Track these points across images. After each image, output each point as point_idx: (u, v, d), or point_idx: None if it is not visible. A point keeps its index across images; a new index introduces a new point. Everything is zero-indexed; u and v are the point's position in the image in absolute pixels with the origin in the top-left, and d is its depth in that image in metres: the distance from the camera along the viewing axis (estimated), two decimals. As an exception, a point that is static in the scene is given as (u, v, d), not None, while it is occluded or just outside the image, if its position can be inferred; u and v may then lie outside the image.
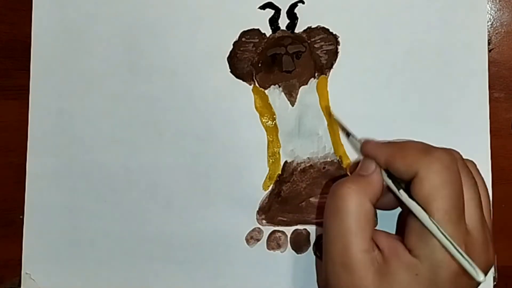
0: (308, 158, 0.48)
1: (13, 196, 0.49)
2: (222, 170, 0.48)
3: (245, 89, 0.48)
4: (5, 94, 0.49)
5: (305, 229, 0.48)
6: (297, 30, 0.48)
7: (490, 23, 0.49)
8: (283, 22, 0.48)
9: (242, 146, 0.48)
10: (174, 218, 0.48)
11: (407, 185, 0.37)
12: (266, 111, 0.48)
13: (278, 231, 0.48)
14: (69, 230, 0.48)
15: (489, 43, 0.48)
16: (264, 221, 0.48)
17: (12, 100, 0.49)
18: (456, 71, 0.48)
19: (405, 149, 0.38)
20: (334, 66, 0.48)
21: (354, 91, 0.48)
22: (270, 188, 0.48)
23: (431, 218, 0.35)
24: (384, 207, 0.42)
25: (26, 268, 0.48)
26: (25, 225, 0.48)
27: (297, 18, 0.48)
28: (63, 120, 0.49)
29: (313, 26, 0.48)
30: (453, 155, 0.38)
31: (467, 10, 0.48)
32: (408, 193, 0.37)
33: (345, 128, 0.46)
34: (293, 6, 0.48)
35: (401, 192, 0.37)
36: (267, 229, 0.48)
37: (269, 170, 0.48)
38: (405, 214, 0.38)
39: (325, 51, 0.48)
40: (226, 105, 0.48)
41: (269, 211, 0.48)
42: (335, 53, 0.48)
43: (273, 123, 0.48)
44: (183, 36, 0.49)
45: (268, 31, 0.48)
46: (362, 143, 0.42)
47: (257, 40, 0.48)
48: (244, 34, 0.48)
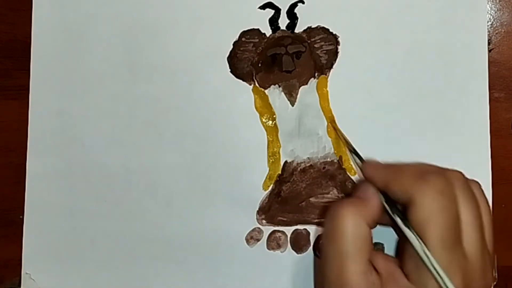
0: (308, 158, 0.48)
1: (13, 196, 0.49)
2: (222, 170, 0.48)
3: (245, 89, 0.48)
4: (5, 94, 0.49)
5: (305, 229, 0.48)
6: (297, 30, 0.48)
7: (490, 23, 0.49)
8: (283, 22, 0.48)
9: (242, 146, 0.48)
10: (174, 218, 0.48)
11: (405, 209, 0.37)
12: (266, 111, 0.48)
13: (278, 231, 0.48)
14: (69, 230, 0.48)
15: (489, 43, 0.48)
16: (264, 221, 0.48)
17: (12, 100, 0.49)
18: (456, 71, 0.48)
19: (402, 173, 0.38)
20: (334, 66, 0.48)
21: (354, 91, 0.48)
22: (270, 188, 0.48)
23: (424, 249, 0.34)
24: (385, 223, 0.42)
25: (26, 268, 0.48)
26: (25, 225, 0.48)
27: (297, 18, 0.48)
28: (63, 120, 0.49)
29: (313, 26, 0.48)
30: (449, 180, 0.37)
31: (467, 10, 0.48)
32: (405, 218, 0.36)
33: (350, 145, 0.46)
34: (293, 6, 0.48)
35: (397, 219, 0.37)
36: (267, 229, 0.48)
37: (269, 170, 0.48)
38: (403, 238, 0.38)
39: (325, 51, 0.48)
40: (226, 105, 0.48)
41: (269, 211, 0.48)
42: (335, 53, 0.48)
43: (273, 123, 0.48)
44: (183, 36, 0.49)
45: (268, 31, 0.48)
46: (362, 165, 0.42)
47: (257, 40, 0.48)
48: (244, 34, 0.48)
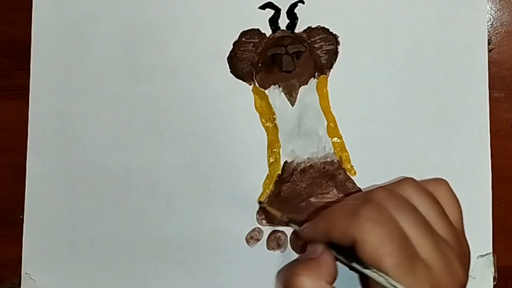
0: (308, 158, 0.48)
1: (13, 196, 0.49)
2: (222, 170, 0.48)
3: (245, 89, 0.48)
4: (5, 94, 0.49)
5: (305, 229, 0.48)
6: (297, 30, 0.48)
7: (490, 23, 0.49)
8: (283, 22, 0.48)
9: (242, 146, 0.48)
10: (174, 218, 0.48)
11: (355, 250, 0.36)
12: (266, 111, 0.48)
13: (278, 231, 0.48)
14: (69, 230, 0.48)
15: (489, 43, 0.48)
16: (264, 221, 0.48)
17: (12, 100, 0.49)
18: (456, 71, 0.48)
19: (334, 219, 0.37)
20: (334, 66, 0.48)
21: (354, 91, 0.48)
22: (270, 188, 0.48)
23: (390, 281, 0.34)
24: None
25: (26, 268, 0.48)
26: (25, 225, 0.48)
27: (297, 18, 0.48)
28: (63, 120, 0.49)
29: (313, 26, 0.48)
30: (380, 202, 0.36)
31: (467, 10, 0.48)
32: (360, 261, 0.36)
33: (285, 217, 0.45)
34: (293, 6, 0.48)
35: (354, 265, 0.36)
36: (267, 229, 0.48)
37: (269, 170, 0.48)
38: (365, 278, 0.38)
39: (325, 51, 0.48)
40: (226, 105, 0.48)
41: (269, 211, 0.48)
42: (335, 53, 0.48)
43: (273, 123, 0.48)
44: (183, 36, 0.49)
45: (268, 31, 0.48)
46: (299, 231, 0.42)
47: (257, 40, 0.48)
48: (244, 34, 0.48)
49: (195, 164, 0.48)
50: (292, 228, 0.46)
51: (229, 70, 0.48)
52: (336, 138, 0.48)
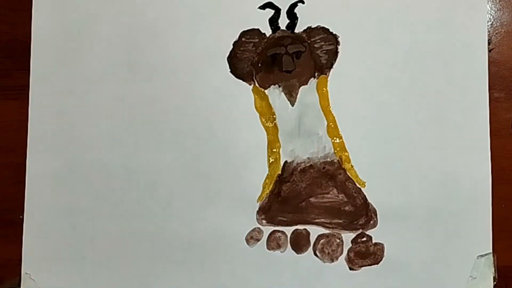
0: (308, 158, 0.48)
1: (13, 196, 0.49)
2: (222, 170, 0.48)
3: (245, 89, 0.48)
4: (5, 94, 0.49)
5: (305, 229, 0.48)
6: (297, 30, 0.48)
7: (490, 23, 0.49)
8: (283, 22, 0.48)
9: (242, 146, 0.48)
10: (174, 218, 0.48)
11: None
12: (266, 111, 0.48)
13: (278, 231, 0.48)
14: (69, 230, 0.49)
15: (489, 43, 0.48)
16: (264, 221, 0.48)
17: (12, 100, 0.49)
18: (456, 71, 0.48)
19: None
20: (334, 66, 0.48)
21: (354, 91, 0.48)
22: (270, 188, 0.48)
23: None
24: None
25: (26, 268, 0.48)
26: (25, 225, 0.49)
27: (297, 18, 0.48)
28: (63, 120, 0.49)
29: (313, 26, 0.48)
30: None
31: (467, 10, 0.48)
32: None
33: None
34: (293, 6, 0.48)
35: None
36: (267, 229, 0.48)
37: (269, 170, 0.48)
38: None
39: (325, 51, 0.48)
40: (226, 105, 0.48)
41: (269, 211, 0.48)
42: (335, 53, 0.48)
43: (273, 123, 0.48)
44: (183, 36, 0.49)
45: (268, 31, 0.48)
46: None
47: (257, 40, 0.48)
48: (244, 34, 0.48)
49: (195, 164, 0.48)
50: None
51: (229, 70, 0.48)
52: (336, 138, 0.48)
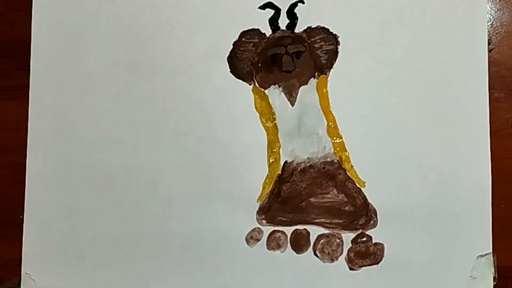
0: (308, 158, 0.48)
1: (13, 196, 0.49)
2: (222, 170, 0.48)
3: (245, 89, 0.48)
4: (5, 94, 0.49)
5: (305, 229, 0.48)
6: (297, 30, 0.48)
7: (490, 23, 0.49)
8: (283, 22, 0.48)
9: (242, 146, 0.48)
10: (174, 218, 0.48)
11: None
12: (266, 111, 0.48)
13: (278, 231, 0.48)
14: (69, 230, 0.48)
15: (489, 43, 0.48)
16: (264, 221, 0.48)
17: (12, 100, 0.49)
18: (456, 71, 0.48)
19: None
20: (334, 66, 0.48)
21: (354, 91, 0.48)
22: (270, 188, 0.48)
23: None
24: None
25: (26, 268, 0.48)
26: (25, 225, 0.48)
27: (297, 18, 0.48)
28: (63, 120, 0.49)
29: (313, 26, 0.48)
30: None
31: (467, 10, 0.48)
32: None
33: None
34: (293, 6, 0.48)
35: None
36: (267, 229, 0.48)
37: (269, 170, 0.48)
38: None
39: (325, 51, 0.48)
40: (226, 105, 0.48)
41: (269, 211, 0.48)
42: (335, 53, 0.48)
43: (273, 123, 0.48)
44: (183, 36, 0.49)
45: (268, 31, 0.48)
46: None
47: (257, 40, 0.48)
48: (244, 34, 0.48)
49: (195, 164, 0.48)
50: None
51: (229, 70, 0.48)
52: (336, 138, 0.48)
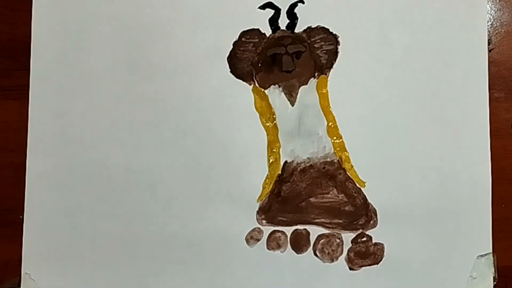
0: (308, 158, 0.48)
1: (13, 196, 0.49)
2: (222, 170, 0.48)
3: (245, 89, 0.48)
4: (5, 94, 0.49)
5: (305, 229, 0.48)
6: (297, 30, 0.48)
7: (490, 23, 0.49)
8: (283, 22, 0.48)
9: (242, 146, 0.48)
10: (174, 218, 0.48)
11: None
12: (266, 111, 0.48)
13: (278, 231, 0.48)
14: (69, 230, 0.48)
15: (489, 43, 0.48)
16: (264, 221, 0.48)
17: (12, 100, 0.49)
18: (456, 71, 0.48)
19: None
20: (334, 66, 0.48)
21: (354, 91, 0.48)
22: (270, 188, 0.48)
23: None
24: None
25: (26, 268, 0.48)
26: (25, 225, 0.48)
27: (297, 18, 0.48)
28: (63, 120, 0.49)
29: (313, 26, 0.48)
30: None
31: (467, 10, 0.48)
32: None
33: None
34: (293, 6, 0.48)
35: None
36: (267, 229, 0.48)
37: (269, 170, 0.48)
38: None
39: (325, 51, 0.48)
40: (226, 105, 0.48)
41: (269, 211, 0.48)
42: (335, 53, 0.48)
43: (273, 123, 0.48)
44: (183, 36, 0.49)
45: (268, 31, 0.48)
46: None
47: (257, 40, 0.48)
48: (244, 34, 0.48)
49: (195, 164, 0.48)
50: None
51: (229, 70, 0.48)
52: (336, 138, 0.48)
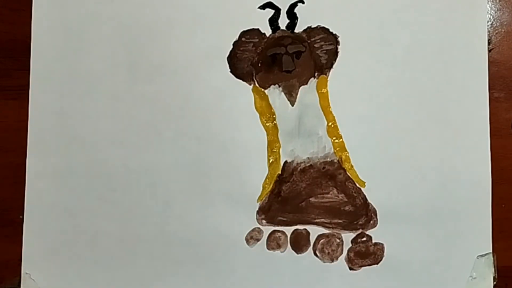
0: (308, 158, 0.48)
1: (13, 196, 0.49)
2: (222, 170, 0.48)
3: (245, 89, 0.48)
4: (5, 94, 0.49)
5: (305, 229, 0.48)
6: (297, 30, 0.48)
7: (490, 23, 0.49)
8: (283, 22, 0.48)
9: (242, 146, 0.48)
10: (174, 218, 0.48)
11: None
12: (266, 111, 0.48)
13: (278, 231, 0.48)
14: (69, 230, 0.48)
15: (489, 43, 0.48)
16: (264, 221, 0.48)
17: (12, 100, 0.49)
18: (456, 71, 0.48)
19: None
20: (334, 66, 0.48)
21: (354, 91, 0.48)
22: (270, 188, 0.48)
23: None
24: None
25: (26, 268, 0.48)
26: (25, 225, 0.48)
27: (297, 18, 0.48)
28: (63, 120, 0.49)
29: (313, 26, 0.48)
30: None
31: (467, 10, 0.48)
32: None
33: None
34: (293, 6, 0.48)
35: None
36: (267, 229, 0.48)
37: (269, 170, 0.48)
38: None
39: (325, 51, 0.48)
40: (226, 105, 0.48)
41: (269, 211, 0.48)
42: (335, 53, 0.48)
43: (273, 123, 0.48)
44: (183, 36, 0.49)
45: (268, 31, 0.48)
46: None
47: (257, 40, 0.48)
48: (244, 34, 0.48)
49: (195, 164, 0.48)
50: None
51: (229, 70, 0.48)
52: (336, 138, 0.48)
